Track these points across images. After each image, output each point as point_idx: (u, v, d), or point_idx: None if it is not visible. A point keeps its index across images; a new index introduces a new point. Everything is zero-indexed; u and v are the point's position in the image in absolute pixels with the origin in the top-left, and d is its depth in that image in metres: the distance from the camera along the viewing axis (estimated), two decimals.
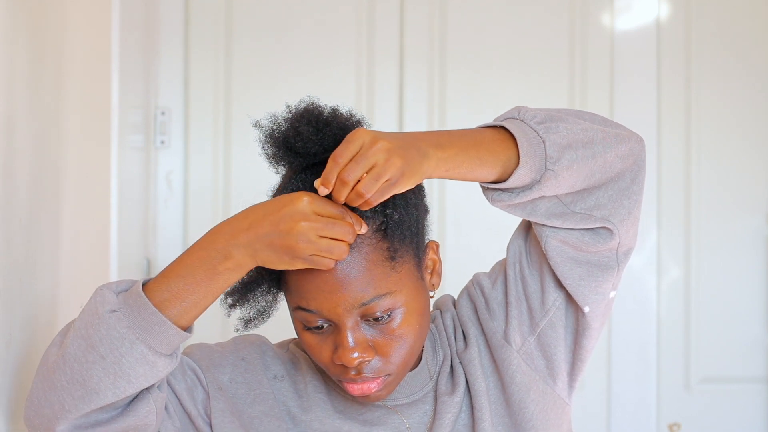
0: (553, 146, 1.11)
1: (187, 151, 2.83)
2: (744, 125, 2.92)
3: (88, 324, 1.08)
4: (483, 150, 1.10)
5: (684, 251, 2.90)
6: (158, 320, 1.07)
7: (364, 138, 1.04)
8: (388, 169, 1.04)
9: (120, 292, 1.09)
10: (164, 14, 2.79)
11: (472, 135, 1.12)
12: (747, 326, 2.90)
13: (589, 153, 1.13)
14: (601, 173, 1.14)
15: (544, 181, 1.11)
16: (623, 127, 1.19)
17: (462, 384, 1.23)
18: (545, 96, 2.89)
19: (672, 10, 2.93)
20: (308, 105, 1.13)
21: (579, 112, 1.18)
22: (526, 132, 1.12)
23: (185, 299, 1.08)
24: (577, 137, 1.13)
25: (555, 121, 1.13)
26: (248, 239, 1.05)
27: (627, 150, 1.16)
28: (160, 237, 2.77)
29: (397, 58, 2.87)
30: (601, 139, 1.14)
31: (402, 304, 1.13)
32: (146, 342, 1.06)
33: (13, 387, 1.23)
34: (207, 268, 1.07)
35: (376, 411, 1.22)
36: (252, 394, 1.22)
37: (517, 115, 1.14)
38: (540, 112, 1.15)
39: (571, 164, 1.12)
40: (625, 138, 1.16)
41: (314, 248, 1.04)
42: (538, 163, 1.11)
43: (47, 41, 1.44)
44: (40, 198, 1.39)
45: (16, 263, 1.26)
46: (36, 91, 1.37)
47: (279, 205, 1.06)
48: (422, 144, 1.07)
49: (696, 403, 2.91)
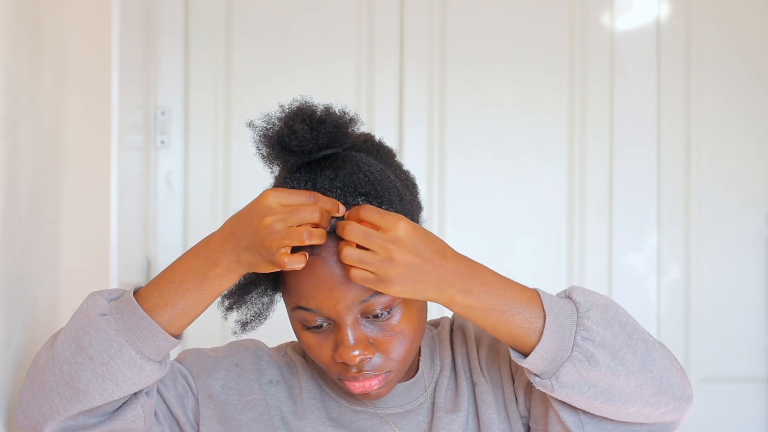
0: (571, 371, 1.06)
1: (187, 151, 2.83)
2: (744, 125, 2.92)
3: (79, 326, 1.08)
4: (505, 323, 1.07)
5: (684, 251, 2.90)
6: (147, 324, 1.07)
7: (396, 229, 1.04)
8: (376, 267, 1.04)
9: (112, 300, 1.10)
10: (164, 14, 2.80)
11: (509, 301, 1.07)
12: (747, 326, 2.90)
13: (605, 397, 1.07)
14: (611, 414, 1.09)
15: (541, 382, 1.08)
16: (679, 386, 1.10)
17: (467, 404, 1.22)
18: (545, 96, 2.89)
19: (672, 10, 2.93)
20: (301, 104, 1.13)
21: (650, 348, 1.09)
22: (563, 337, 1.06)
23: (176, 305, 1.08)
24: (603, 378, 1.06)
25: (605, 350, 1.06)
26: (231, 245, 1.06)
27: (656, 414, 1.09)
28: (160, 237, 2.77)
29: (397, 58, 2.87)
30: (629, 392, 1.07)
31: (401, 301, 1.12)
32: (135, 345, 1.07)
33: (12, 387, 1.23)
34: (198, 275, 1.07)
35: (369, 420, 1.22)
36: (243, 401, 1.21)
37: (583, 310, 1.07)
38: (604, 330, 1.06)
39: (574, 394, 1.07)
40: (664, 402, 1.09)
41: (281, 238, 1.03)
42: (546, 368, 1.08)
43: (47, 41, 1.44)
44: (40, 198, 1.39)
45: (16, 263, 1.26)
46: (36, 91, 1.37)
47: (250, 206, 1.06)
48: (449, 278, 1.05)
49: (696, 403, 2.90)
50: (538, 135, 2.89)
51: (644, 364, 1.08)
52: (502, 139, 2.89)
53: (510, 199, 2.86)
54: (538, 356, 1.07)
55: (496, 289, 1.07)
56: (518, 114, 2.89)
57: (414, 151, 2.87)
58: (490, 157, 2.88)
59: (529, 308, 1.07)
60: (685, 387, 1.11)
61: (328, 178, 1.11)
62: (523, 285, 1.10)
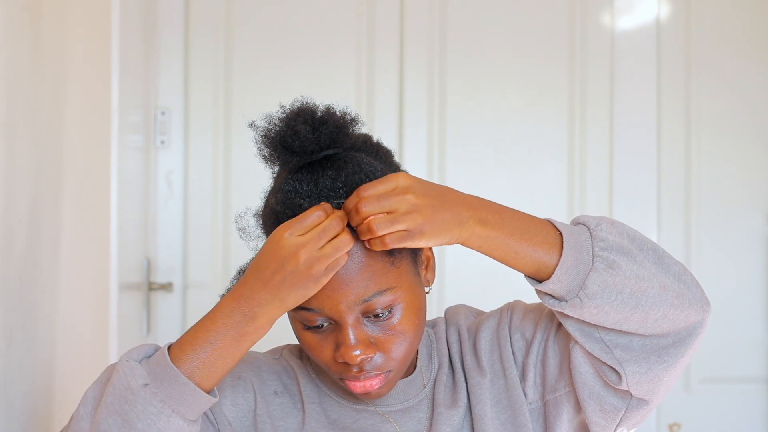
0: (596, 280, 1.08)
1: (187, 151, 2.83)
2: (744, 125, 2.92)
3: (122, 400, 1.08)
4: (525, 245, 1.09)
5: (684, 251, 2.90)
6: (190, 390, 1.08)
7: (399, 182, 1.05)
8: (406, 221, 1.04)
9: (143, 359, 1.10)
10: (164, 14, 2.80)
11: (524, 225, 1.10)
12: (747, 326, 2.91)
13: (632, 302, 1.09)
14: (639, 324, 1.10)
15: (569, 303, 1.10)
16: (696, 288, 1.13)
17: (464, 399, 1.22)
18: (545, 96, 2.89)
19: (672, 10, 2.93)
20: (302, 104, 1.13)
21: (661, 255, 1.12)
22: (581, 251, 1.09)
23: (213, 364, 1.09)
24: (628, 283, 1.08)
25: (623, 255, 1.09)
26: (269, 295, 1.06)
27: (682, 316, 1.11)
28: (160, 237, 2.77)
29: (397, 57, 2.87)
30: (654, 295, 1.09)
31: (401, 300, 1.13)
32: (181, 413, 1.08)
33: (12, 387, 1.23)
34: (235, 332, 1.08)
35: (369, 419, 1.22)
36: (251, 416, 1.22)
37: (593, 226, 1.11)
38: (617, 238, 1.10)
39: (603, 305, 1.08)
40: (687, 303, 1.11)
41: (325, 261, 1.05)
42: (571, 285, 1.09)
43: (47, 41, 1.44)
44: (40, 198, 1.39)
45: (16, 263, 1.26)
46: (36, 91, 1.37)
47: (271, 254, 1.06)
48: (465, 212, 1.07)
49: (696, 403, 2.91)
50: (538, 135, 2.89)
51: (661, 266, 1.11)
52: (503, 138, 2.89)
53: (510, 198, 2.85)
54: (562, 272, 1.08)
55: (509, 215, 1.10)
56: (518, 114, 2.89)
57: (414, 151, 2.87)
58: (490, 157, 2.89)
59: (543, 230, 1.10)
60: (702, 291, 1.13)
61: (330, 178, 1.11)
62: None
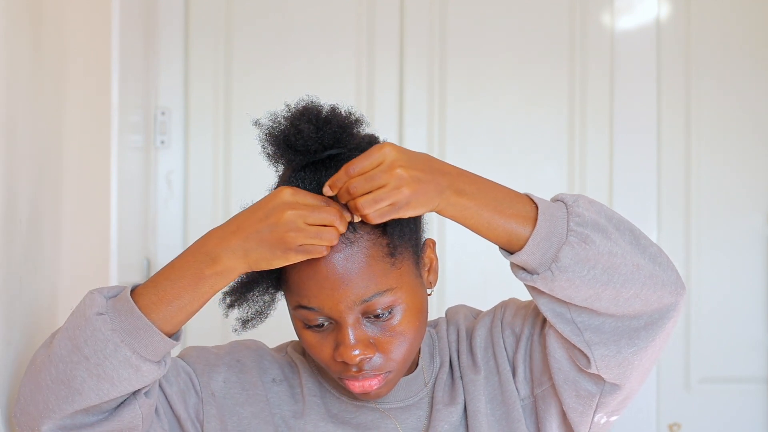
0: (569, 253, 1.07)
1: (187, 151, 2.83)
2: (744, 125, 2.92)
3: (75, 325, 1.08)
4: (498, 216, 1.09)
5: (684, 251, 2.90)
6: (143, 324, 1.07)
7: (385, 156, 1.05)
8: (394, 195, 1.04)
9: (110, 297, 1.10)
10: (164, 14, 2.80)
11: (500, 196, 1.10)
12: (747, 326, 2.90)
13: (604, 278, 1.08)
14: (610, 302, 1.09)
15: (540, 275, 1.09)
16: (670, 271, 1.11)
17: (462, 397, 1.22)
18: (545, 95, 2.89)
19: (672, 10, 2.93)
20: (307, 103, 1.13)
21: (637, 236, 1.11)
22: (556, 224, 1.08)
23: (171, 303, 1.08)
24: (600, 258, 1.07)
25: (598, 231, 1.08)
26: (238, 241, 1.05)
27: (654, 296, 1.09)
28: (160, 237, 2.77)
29: (397, 57, 2.87)
30: (626, 273, 1.08)
31: (402, 301, 1.13)
32: (131, 346, 1.07)
33: (12, 387, 1.23)
34: (194, 272, 1.07)
35: (370, 415, 1.22)
36: (245, 395, 1.22)
37: (570, 202, 1.10)
38: (594, 215, 1.09)
39: (575, 278, 1.07)
40: (660, 284, 1.09)
41: (304, 236, 1.04)
42: (544, 258, 1.08)
43: (47, 41, 1.44)
44: (40, 198, 1.39)
45: (16, 263, 1.26)
46: (36, 91, 1.37)
47: (264, 201, 1.06)
48: (444, 182, 1.08)
49: (696, 403, 2.91)
50: (538, 134, 2.89)
51: (636, 246, 1.10)
52: (503, 138, 2.89)
53: None
54: (534, 243, 1.08)
55: (486, 186, 1.10)
56: (518, 114, 2.89)
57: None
58: (491, 157, 2.89)
59: (519, 202, 1.10)
60: (677, 274, 1.12)
61: None
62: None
